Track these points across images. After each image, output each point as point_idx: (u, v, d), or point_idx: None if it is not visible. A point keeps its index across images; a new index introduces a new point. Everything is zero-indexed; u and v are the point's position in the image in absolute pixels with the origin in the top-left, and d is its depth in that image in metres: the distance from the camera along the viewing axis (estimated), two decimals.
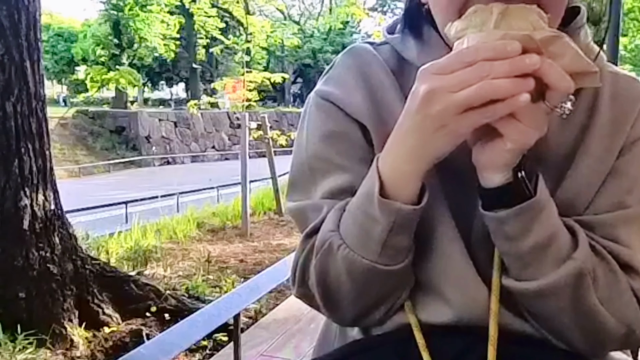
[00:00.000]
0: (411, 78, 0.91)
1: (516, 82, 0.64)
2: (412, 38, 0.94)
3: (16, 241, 4.60)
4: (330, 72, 0.98)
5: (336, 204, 0.88)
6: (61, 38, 47.08)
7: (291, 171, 0.99)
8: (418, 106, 0.70)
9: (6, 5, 4.58)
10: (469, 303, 0.86)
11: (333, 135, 0.93)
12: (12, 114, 4.62)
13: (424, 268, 0.88)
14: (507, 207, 0.76)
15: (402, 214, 0.78)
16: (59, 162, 21.70)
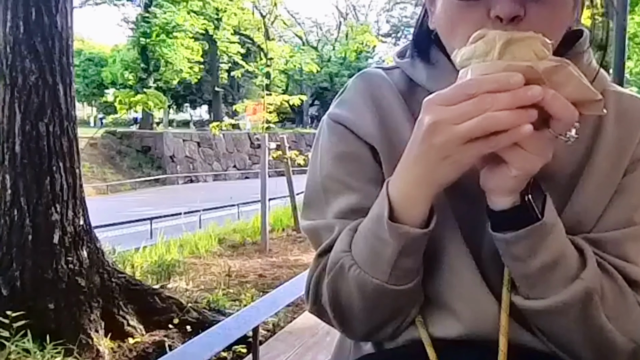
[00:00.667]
0: (420, 100, 0.92)
1: (518, 113, 0.63)
2: (421, 62, 0.94)
3: (47, 255, 4.64)
4: (342, 96, 0.98)
5: (347, 224, 0.88)
6: (92, 62, 47.68)
7: (306, 190, 0.99)
8: (423, 136, 0.70)
9: (41, 32, 4.66)
10: (479, 318, 0.85)
11: (344, 156, 0.93)
12: (45, 134, 4.68)
13: (434, 283, 0.87)
14: (515, 229, 0.75)
15: (411, 237, 0.78)
16: (88, 180, 21.88)
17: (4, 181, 4.66)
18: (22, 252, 4.60)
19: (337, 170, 0.93)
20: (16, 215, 4.63)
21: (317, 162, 0.97)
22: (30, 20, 4.63)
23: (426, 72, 0.92)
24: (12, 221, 4.64)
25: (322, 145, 0.96)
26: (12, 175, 4.64)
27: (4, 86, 4.66)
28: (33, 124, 4.65)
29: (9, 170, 4.64)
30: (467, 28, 0.77)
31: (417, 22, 0.97)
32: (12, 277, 4.56)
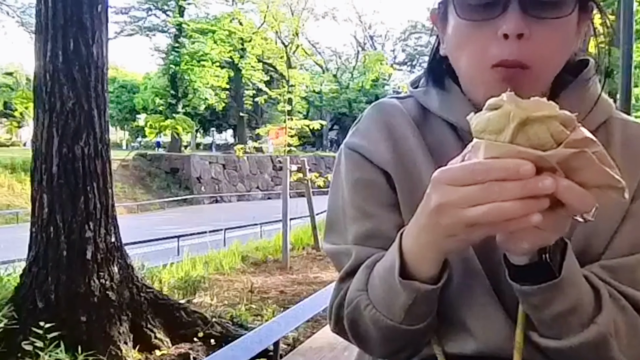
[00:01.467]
0: (433, 128, 0.92)
1: (527, 204, 0.59)
2: (434, 90, 0.94)
3: (80, 270, 4.67)
4: (358, 125, 0.98)
5: (363, 250, 0.89)
6: (125, 89, 48.32)
7: (327, 214, 1.00)
8: (429, 214, 0.67)
9: (78, 61, 4.74)
10: (492, 335, 0.84)
11: (360, 183, 0.93)
12: (80, 156, 4.74)
13: (448, 301, 0.86)
14: (532, 283, 0.74)
15: (422, 292, 0.77)
16: (119, 199, 22.06)
17: (42, 200, 4.71)
18: (57, 267, 4.64)
19: (354, 196, 0.93)
20: (52, 232, 4.68)
21: (337, 188, 0.97)
22: (68, 50, 4.71)
23: (439, 100, 0.92)
24: (48, 237, 4.68)
25: (340, 172, 0.97)
26: (49, 194, 4.69)
27: (43, 111, 4.74)
28: (69, 146, 4.71)
29: (47, 189, 4.70)
30: (475, 47, 0.79)
31: (432, 50, 0.97)
32: (48, 291, 4.60)
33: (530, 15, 0.74)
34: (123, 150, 40.32)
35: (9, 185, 25.45)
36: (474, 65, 0.80)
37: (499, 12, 0.75)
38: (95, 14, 4.82)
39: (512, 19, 0.74)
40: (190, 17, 40.94)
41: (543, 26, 0.75)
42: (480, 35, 0.78)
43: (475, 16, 0.77)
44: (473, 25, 0.78)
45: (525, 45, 0.75)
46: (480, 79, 0.80)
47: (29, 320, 4.37)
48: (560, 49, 0.79)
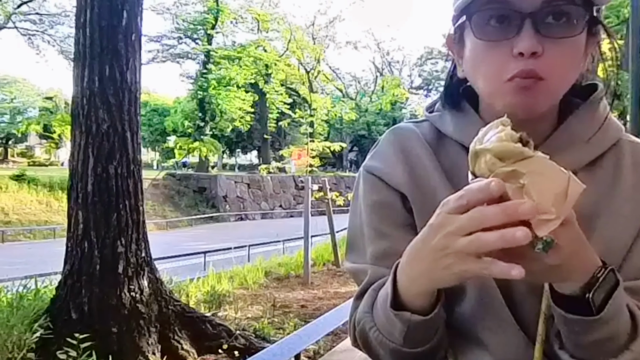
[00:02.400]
0: (448, 150, 0.92)
1: (504, 238, 0.59)
2: (449, 114, 0.94)
3: (112, 283, 4.69)
4: (375, 149, 0.99)
5: (378, 270, 0.89)
6: (156, 112, 48.93)
7: (348, 234, 1.00)
8: (424, 239, 0.68)
9: (113, 86, 4.82)
10: (508, 349, 0.83)
11: (377, 204, 0.93)
12: (113, 176, 4.79)
13: (462, 315, 0.86)
14: (573, 313, 0.72)
15: (414, 323, 0.77)
16: (149, 216, 22.24)
17: (77, 216, 4.76)
18: (91, 280, 4.67)
19: (371, 217, 0.93)
20: (86, 247, 4.72)
21: (356, 209, 0.98)
22: (104, 76, 4.79)
23: (453, 123, 0.92)
24: (82, 252, 4.72)
25: (359, 194, 0.97)
26: (84, 211, 4.74)
27: (80, 133, 4.81)
28: (104, 166, 4.77)
29: (82, 206, 4.75)
30: (492, 65, 0.79)
31: (448, 74, 0.97)
32: (81, 303, 4.63)
33: (542, 35, 0.75)
34: (154, 170, 40.75)
35: (47, 203, 25.83)
36: (491, 80, 0.81)
37: (514, 33, 0.76)
38: (129, 42, 4.91)
39: (525, 38, 0.75)
40: (218, 45, 41.49)
41: (555, 45, 0.76)
42: (496, 54, 0.78)
43: (491, 36, 0.78)
44: (490, 45, 0.79)
45: (539, 61, 0.76)
46: (498, 91, 0.80)
47: (63, 330, 4.40)
48: (571, 66, 0.80)
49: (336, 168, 51.52)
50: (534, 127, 0.84)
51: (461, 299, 0.85)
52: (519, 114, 0.79)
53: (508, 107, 0.79)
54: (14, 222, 23.48)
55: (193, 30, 41.88)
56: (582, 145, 0.86)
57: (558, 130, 0.86)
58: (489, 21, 0.78)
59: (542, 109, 0.80)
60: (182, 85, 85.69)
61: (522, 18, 0.75)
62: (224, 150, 49.49)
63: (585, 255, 0.69)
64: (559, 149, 0.84)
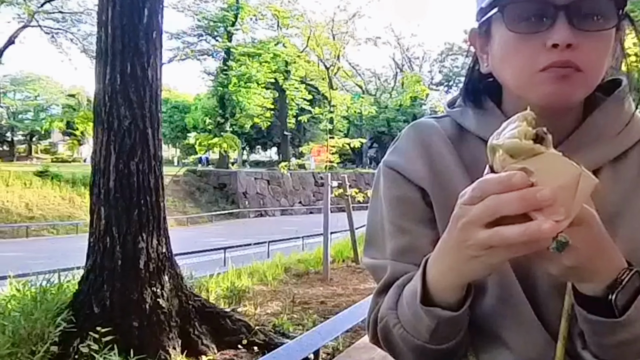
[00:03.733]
0: (469, 146, 0.91)
1: (526, 232, 0.58)
2: (471, 109, 0.93)
3: (133, 278, 4.74)
4: (396, 144, 0.98)
5: (398, 266, 0.88)
6: (177, 109, 49.30)
7: (367, 229, 1.00)
8: (450, 231, 0.68)
9: (135, 84, 4.86)
10: (530, 347, 0.82)
11: (396, 199, 0.93)
12: (135, 172, 4.83)
13: (483, 313, 0.85)
14: (597, 315, 0.71)
15: (444, 319, 0.76)
16: (170, 212, 22.41)
17: (99, 212, 4.82)
18: (112, 275, 4.72)
19: (391, 212, 0.93)
20: (108, 242, 4.77)
21: (376, 204, 0.97)
22: (126, 74, 4.83)
23: (476, 119, 0.92)
24: (104, 248, 4.78)
25: (379, 189, 0.97)
26: (106, 207, 4.80)
27: (102, 130, 4.86)
28: (125, 162, 4.81)
29: (104, 202, 4.81)
30: (523, 57, 0.78)
31: (468, 70, 0.96)
32: (103, 297, 4.69)
33: (576, 28, 0.75)
34: (174, 166, 41.05)
35: (70, 199, 26.20)
36: (522, 72, 0.80)
37: (547, 25, 0.76)
38: (150, 40, 4.94)
39: (560, 30, 0.74)
40: (238, 42, 41.59)
41: (588, 38, 0.76)
42: (528, 46, 0.78)
43: (524, 29, 0.78)
44: (522, 38, 0.78)
45: (575, 53, 0.75)
46: (531, 82, 0.79)
47: (85, 324, 4.45)
48: (604, 59, 0.79)
49: (356, 165, 51.36)
50: (559, 122, 0.84)
51: (482, 296, 0.84)
52: (556, 104, 0.79)
53: (544, 97, 0.78)
54: (38, 217, 23.85)
55: (213, 28, 42.04)
56: (607, 140, 0.85)
57: (583, 125, 0.85)
58: (522, 13, 0.78)
59: (578, 99, 0.80)
60: (202, 82, 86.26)
61: (556, 10, 0.75)
62: (243, 146, 49.69)
63: (608, 256, 0.68)
64: (584, 144, 0.83)
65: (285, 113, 45.01)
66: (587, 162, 0.82)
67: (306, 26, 41.17)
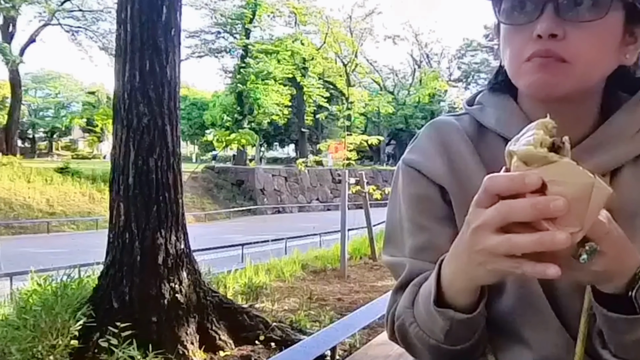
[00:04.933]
0: (489, 144, 0.90)
1: (539, 241, 0.57)
2: (492, 106, 0.93)
3: (152, 274, 4.78)
4: (415, 142, 0.98)
5: (417, 264, 0.89)
6: (195, 107, 49.59)
7: (386, 227, 1.00)
8: (462, 235, 0.67)
9: (153, 81, 4.89)
10: (549, 346, 0.82)
11: (415, 197, 0.93)
12: (154, 169, 4.86)
13: (501, 311, 0.84)
14: (615, 311, 0.70)
15: (457, 321, 0.76)
16: (188, 209, 22.53)
17: (119, 208, 4.86)
18: (132, 271, 4.77)
19: (410, 210, 0.93)
20: (128, 238, 4.81)
21: (395, 202, 0.97)
22: (144, 71, 4.87)
23: (496, 116, 0.91)
24: (124, 243, 4.82)
25: (398, 187, 0.97)
26: (126, 203, 4.84)
27: (121, 127, 4.90)
28: (144, 159, 4.85)
29: (123, 199, 4.85)
30: (514, 47, 0.80)
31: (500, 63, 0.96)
32: (123, 292, 4.73)
33: (563, 19, 0.75)
34: (193, 163, 41.33)
35: (89, 195, 26.49)
36: (513, 62, 0.81)
37: (535, 16, 0.76)
38: (168, 38, 4.97)
39: (545, 20, 0.75)
40: (256, 39, 41.73)
41: (579, 29, 0.75)
42: (519, 37, 0.79)
43: (515, 20, 0.79)
44: (514, 29, 0.80)
45: (561, 44, 0.75)
46: (519, 72, 0.80)
47: (105, 319, 4.50)
48: (599, 51, 0.78)
49: (373, 162, 51.28)
50: (577, 121, 0.83)
51: (501, 294, 0.84)
52: (540, 93, 0.79)
53: (528, 86, 0.79)
54: (59, 213, 24.16)
55: (231, 25, 42.25)
56: (629, 139, 0.83)
57: (605, 124, 0.84)
58: (514, 6, 0.79)
59: (564, 90, 0.78)
60: (220, 79, 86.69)
61: (545, 2, 0.75)
62: (261, 143, 49.84)
63: (627, 255, 0.67)
64: (605, 142, 0.82)
65: (303, 110, 45.07)
66: (608, 161, 0.82)
67: (324, 23, 41.16)
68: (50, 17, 38.05)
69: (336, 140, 19.04)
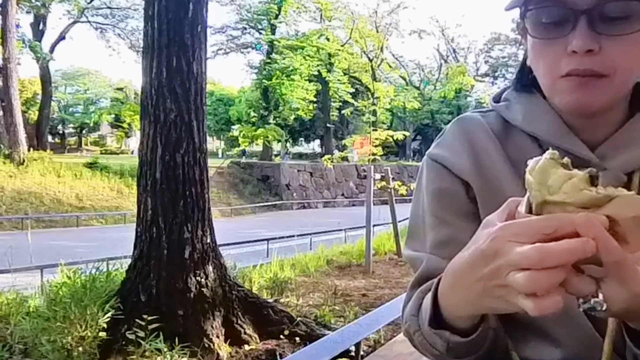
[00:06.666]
0: (516, 141, 0.90)
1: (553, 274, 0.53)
2: (519, 103, 0.92)
3: (179, 268, 4.83)
4: (441, 138, 0.98)
5: (435, 261, 0.88)
6: (221, 102, 49.90)
7: (409, 221, 1.00)
8: (475, 264, 0.61)
9: (180, 77, 4.93)
10: (576, 343, 0.81)
11: (439, 192, 0.93)
12: (180, 164, 4.91)
13: None
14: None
15: (453, 342, 0.75)
16: (214, 204, 22.71)
17: (146, 203, 4.92)
18: (159, 265, 4.83)
19: (433, 205, 0.93)
20: (155, 232, 4.87)
21: (418, 197, 0.98)
22: (171, 67, 4.91)
23: (522, 112, 0.90)
24: (151, 237, 4.89)
25: (422, 182, 0.97)
26: (153, 198, 4.90)
27: (148, 122, 4.96)
28: (171, 154, 4.90)
29: (151, 193, 4.91)
30: (547, 62, 0.78)
31: (523, 58, 0.96)
32: (150, 286, 4.80)
33: (598, 32, 0.73)
34: (219, 158, 41.62)
35: (118, 189, 26.88)
36: (547, 77, 0.80)
37: (568, 31, 0.75)
38: (195, 34, 5.01)
39: (580, 36, 0.73)
40: (281, 35, 41.77)
41: (614, 42, 0.74)
42: (551, 51, 0.77)
43: (545, 35, 0.77)
44: (545, 43, 0.78)
45: (596, 59, 0.74)
46: (554, 88, 0.79)
47: (132, 311, 4.57)
48: (634, 61, 0.76)
49: (399, 157, 50.99)
50: (604, 121, 0.83)
51: None
52: (578, 111, 0.78)
53: (566, 105, 0.78)
54: (88, 207, 24.57)
55: (257, 21, 42.34)
56: None
57: (627, 124, 0.83)
58: (543, 19, 0.77)
59: (602, 105, 0.78)
60: (246, 75, 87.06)
61: (577, 15, 0.73)
62: (287, 138, 49.94)
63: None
64: (626, 143, 0.82)
65: (329, 105, 45.00)
66: (629, 162, 0.81)
67: (349, 18, 41.00)
68: (79, 15, 38.64)
69: (362, 135, 18.95)
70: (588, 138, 0.83)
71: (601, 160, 0.82)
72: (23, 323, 4.52)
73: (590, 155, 0.82)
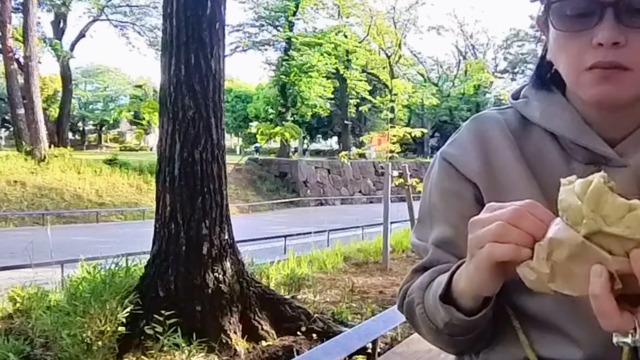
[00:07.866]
0: (533, 138, 0.89)
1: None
2: (537, 99, 0.91)
3: (197, 264, 4.86)
4: (456, 136, 0.98)
5: (438, 253, 0.91)
6: (239, 99, 50.11)
7: (418, 211, 1.01)
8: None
9: (198, 74, 4.96)
10: (596, 343, 0.80)
11: (446, 191, 0.93)
12: (199, 160, 4.94)
13: (547, 304, 0.83)
14: None
15: (456, 318, 0.79)
16: (232, 200, 22.76)
17: (165, 199, 4.96)
18: (177, 261, 4.86)
19: (440, 203, 0.94)
20: (173, 228, 4.91)
21: (427, 190, 0.99)
22: (190, 64, 4.94)
23: (541, 109, 0.90)
24: (169, 233, 4.92)
25: (432, 176, 0.98)
26: (171, 194, 4.93)
27: (167, 119, 4.99)
28: (189, 151, 4.93)
29: (169, 190, 4.94)
30: (571, 55, 0.78)
31: (540, 56, 0.95)
32: (168, 281, 4.84)
33: (625, 25, 0.72)
34: (237, 155, 41.78)
35: (137, 186, 27.12)
36: (571, 69, 0.79)
37: (594, 23, 0.74)
38: (213, 32, 5.03)
39: (606, 28, 0.72)
40: (299, 32, 41.79)
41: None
42: (576, 44, 0.77)
43: (570, 27, 0.77)
44: (570, 36, 0.78)
45: (622, 52, 0.73)
46: (579, 81, 0.78)
47: (151, 307, 4.60)
48: None
49: (417, 154, 50.80)
50: (627, 116, 0.82)
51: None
52: (603, 104, 0.77)
53: (590, 97, 0.77)
54: (107, 203, 24.82)
55: (274, 18, 42.40)
56: None
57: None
58: (568, 12, 0.76)
59: (627, 98, 0.77)
60: (264, 72, 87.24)
61: (603, 8, 0.73)
62: (304, 135, 50.00)
63: None
64: None
65: (346, 102, 44.95)
66: None
67: (367, 14, 40.89)
68: (99, 13, 39.03)
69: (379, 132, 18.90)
70: (607, 135, 0.82)
71: (621, 157, 0.81)
72: (44, 317, 4.59)
73: (610, 152, 0.81)
